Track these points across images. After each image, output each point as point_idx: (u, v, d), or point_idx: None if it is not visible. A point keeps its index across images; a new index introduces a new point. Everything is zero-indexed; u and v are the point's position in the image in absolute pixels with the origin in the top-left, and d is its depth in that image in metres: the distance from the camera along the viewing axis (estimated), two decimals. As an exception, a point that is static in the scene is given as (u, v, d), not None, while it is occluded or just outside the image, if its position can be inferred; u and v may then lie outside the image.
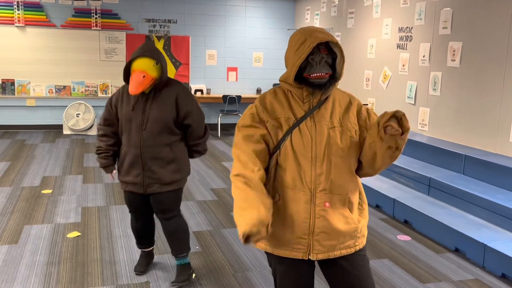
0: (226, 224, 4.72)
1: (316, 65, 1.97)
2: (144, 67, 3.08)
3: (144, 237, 3.56)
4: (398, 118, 1.91)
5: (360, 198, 2.16)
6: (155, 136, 3.18)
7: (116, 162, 3.38)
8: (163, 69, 3.16)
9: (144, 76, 3.07)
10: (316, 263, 2.14)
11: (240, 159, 2.00)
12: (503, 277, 3.74)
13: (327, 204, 2.00)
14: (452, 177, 5.06)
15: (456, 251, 4.23)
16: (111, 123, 3.29)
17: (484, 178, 4.88)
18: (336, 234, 2.01)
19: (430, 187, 5.11)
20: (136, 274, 3.58)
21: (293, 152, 2.00)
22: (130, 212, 3.49)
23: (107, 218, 4.76)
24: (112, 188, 5.80)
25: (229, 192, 5.79)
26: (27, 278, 3.49)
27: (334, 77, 2.03)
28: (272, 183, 2.06)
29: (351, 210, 2.06)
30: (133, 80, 3.08)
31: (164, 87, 3.23)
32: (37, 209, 4.97)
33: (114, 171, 3.37)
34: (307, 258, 2.04)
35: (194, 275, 3.61)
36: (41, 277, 3.51)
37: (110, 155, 3.31)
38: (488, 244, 3.86)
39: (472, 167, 5.04)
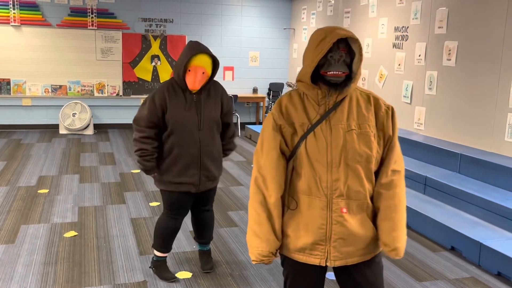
0: (223, 223, 4.73)
1: (334, 63, 1.93)
2: (204, 64, 3.15)
3: (173, 238, 3.49)
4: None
5: None
6: (211, 136, 3.29)
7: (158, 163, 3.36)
8: (216, 70, 3.27)
9: (203, 73, 3.16)
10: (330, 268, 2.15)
11: (261, 173, 2.03)
12: (499, 275, 3.76)
13: (344, 210, 1.96)
14: (448, 176, 5.08)
15: (452, 249, 4.25)
16: (155, 125, 3.20)
17: (479, 176, 4.91)
18: (354, 240, 1.99)
19: (426, 186, 5.13)
20: (172, 281, 3.48)
21: (308, 157, 1.98)
22: (170, 213, 3.39)
23: (104, 218, 4.76)
24: (109, 187, 5.80)
25: (226, 192, 5.79)
26: (24, 277, 3.49)
27: (350, 77, 1.98)
28: (289, 189, 2.05)
29: (369, 214, 2.02)
30: (194, 75, 3.14)
31: (209, 86, 3.32)
32: (33, 208, 4.97)
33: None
34: (324, 265, 2.02)
35: (191, 274, 3.62)
36: (38, 276, 3.51)
37: (155, 157, 3.25)
38: (484, 243, 3.88)
39: (468, 166, 5.07)
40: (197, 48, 3.13)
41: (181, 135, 3.20)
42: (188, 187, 3.28)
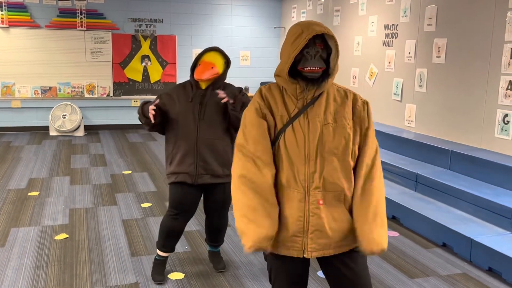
0: (215, 223, 4.71)
1: (311, 58, 1.95)
2: (214, 60, 3.26)
3: (174, 238, 3.44)
4: None
5: None
6: (212, 127, 3.27)
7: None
8: (227, 70, 3.34)
9: (212, 67, 3.24)
10: (315, 259, 2.15)
11: (253, 160, 1.99)
12: (490, 271, 3.79)
13: (321, 202, 1.98)
14: (439, 173, 5.10)
15: (444, 246, 4.27)
16: (161, 107, 3.28)
17: (470, 173, 4.93)
18: (331, 232, 2.01)
19: (417, 183, 5.15)
20: (157, 284, 3.45)
21: (286, 150, 2.00)
22: (171, 211, 3.36)
23: (95, 220, 4.73)
24: (100, 189, 5.77)
25: (217, 191, 5.77)
26: (14, 281, 3.46)
27: (327, 72, 2.01)
28: None
29: (347, 207, 2.04)
30: (202, 67, 3.23)
31: (221, 85, 3.34)
32: (24, 211, 4.93)
33: (153, 107, 3.16)
34: (302, 256, 2.04)
35: (183, 275, 3.60)
36: (29, 280, 3.48)
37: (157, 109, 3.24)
38: (475, 239, 3.90)
39: (459, 163, 5.09)
40: (210, 47, 3.31)
41: (183, 126, 3.26)
42: (184, 176, 3.28)
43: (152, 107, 3.13)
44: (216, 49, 3.30)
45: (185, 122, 3.26)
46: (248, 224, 1.94)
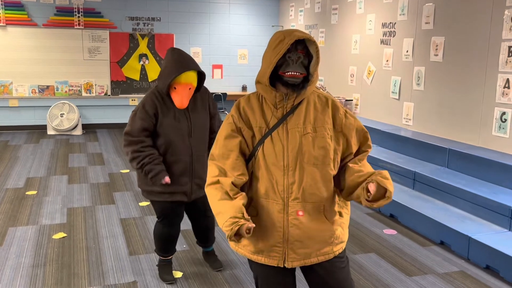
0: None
1: (292, 63, 1.96)
2: (190, 80, 3.11)
3: (173, 243, 3.45)
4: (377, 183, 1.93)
5: (340, 204, 2.14)
6: (202, 142, 3.25)
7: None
8: (202, 77, 3.23)
9: (190, 88, 3.12)
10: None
11: (219, 168, 2.03)
12: (487, 269, 3.80)
13: (300, 213, 1.99)
14: (437, 171, 5.11)
15: (441, 244, 4.28)
16: (150, 133, 3.15)
17: (467, 171, 4.94)
18: (311, 242, 2.01)
19: (415, 181, 5.16)
20: (169, 283, 3.45)
21: (265, 161, 2.00)
22: (165, 221, 3.33)
23: (93, 219, 4.73)
24: (98, 188, 5.76)
25: (216, 190, 5.77)
26: (12, 280, 3.46)
27: (307, 79, 2.01)
28: (248, 192, 2.06)
29: (327, 217, 2.04)
30: (181, 94, 3.09)
31: (197, 96, 3.28)
32: (21, 210, 4.92)
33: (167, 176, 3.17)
34: (282, 266, 2.04)
35: (181, 274, 3.61)
36: (27, 279, 3.48)
37: (162, 161, 3.16)
38: (472, 237, 3.91)
39: (456, 161, 5.10)
40: (184, 65, 3.06)
41: (173, 143, 3.16)
42: (180, 196, 3.24)
43: (166, 180, 3.12)
44: (190, 68, 3.06)
45: (174, 140, 3.16)
46: (218, 216, 1.97)
